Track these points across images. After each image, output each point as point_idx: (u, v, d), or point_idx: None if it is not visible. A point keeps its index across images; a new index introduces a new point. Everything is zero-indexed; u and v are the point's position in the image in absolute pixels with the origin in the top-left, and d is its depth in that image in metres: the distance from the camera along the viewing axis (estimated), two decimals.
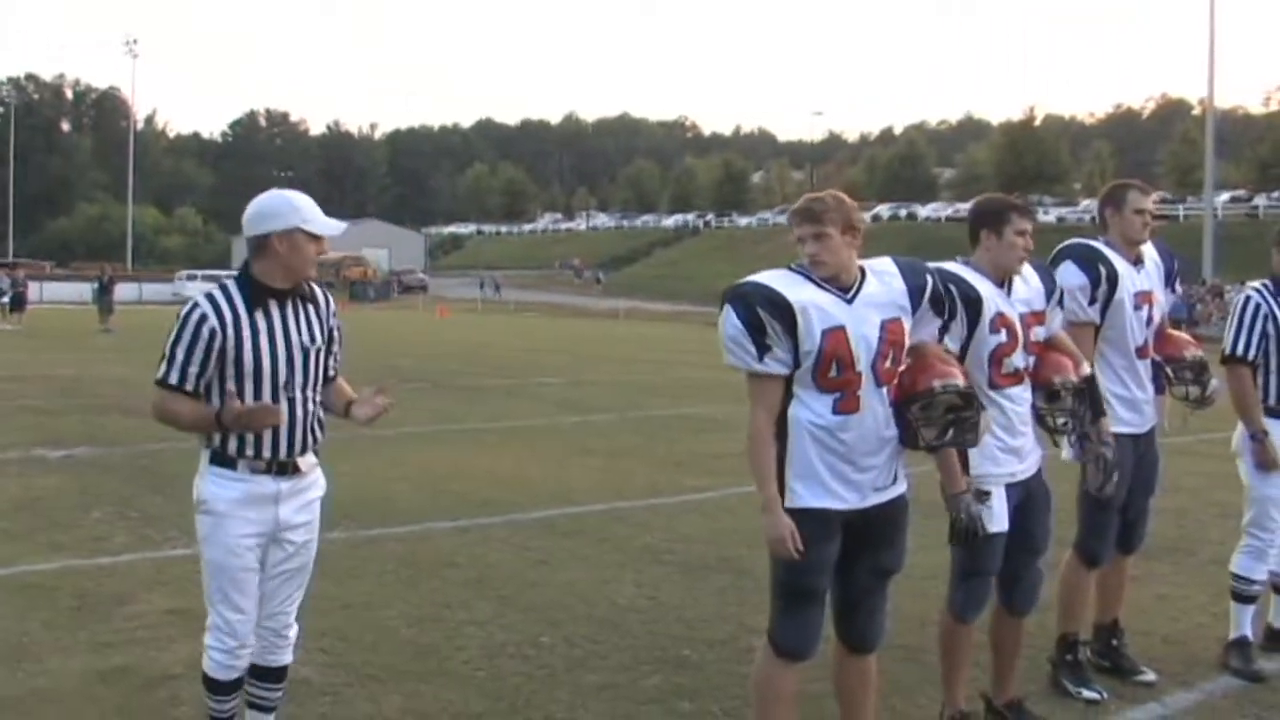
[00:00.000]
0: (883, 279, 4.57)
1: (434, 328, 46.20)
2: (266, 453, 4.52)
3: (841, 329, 4.39)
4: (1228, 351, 6.50)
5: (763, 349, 4.38)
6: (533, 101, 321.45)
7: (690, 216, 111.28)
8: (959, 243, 5.40)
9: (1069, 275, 5.89)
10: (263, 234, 4.48)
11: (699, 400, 19.58)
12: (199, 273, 75.33)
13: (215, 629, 4.62)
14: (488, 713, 5.66)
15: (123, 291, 50.79)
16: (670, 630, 6.90)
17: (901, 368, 4.57)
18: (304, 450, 4.62)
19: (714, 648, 6.59)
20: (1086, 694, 5.90)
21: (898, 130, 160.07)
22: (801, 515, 4.41)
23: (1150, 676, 6.18)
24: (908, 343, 4.58)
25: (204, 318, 4.43)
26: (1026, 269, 5.38)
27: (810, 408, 4.43)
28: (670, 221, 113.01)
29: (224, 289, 4.55)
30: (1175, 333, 6.42)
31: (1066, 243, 6.09)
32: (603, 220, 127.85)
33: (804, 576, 4.48)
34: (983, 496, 4.96)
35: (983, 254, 5.27)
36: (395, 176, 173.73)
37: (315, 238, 4.55)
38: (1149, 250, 6.22)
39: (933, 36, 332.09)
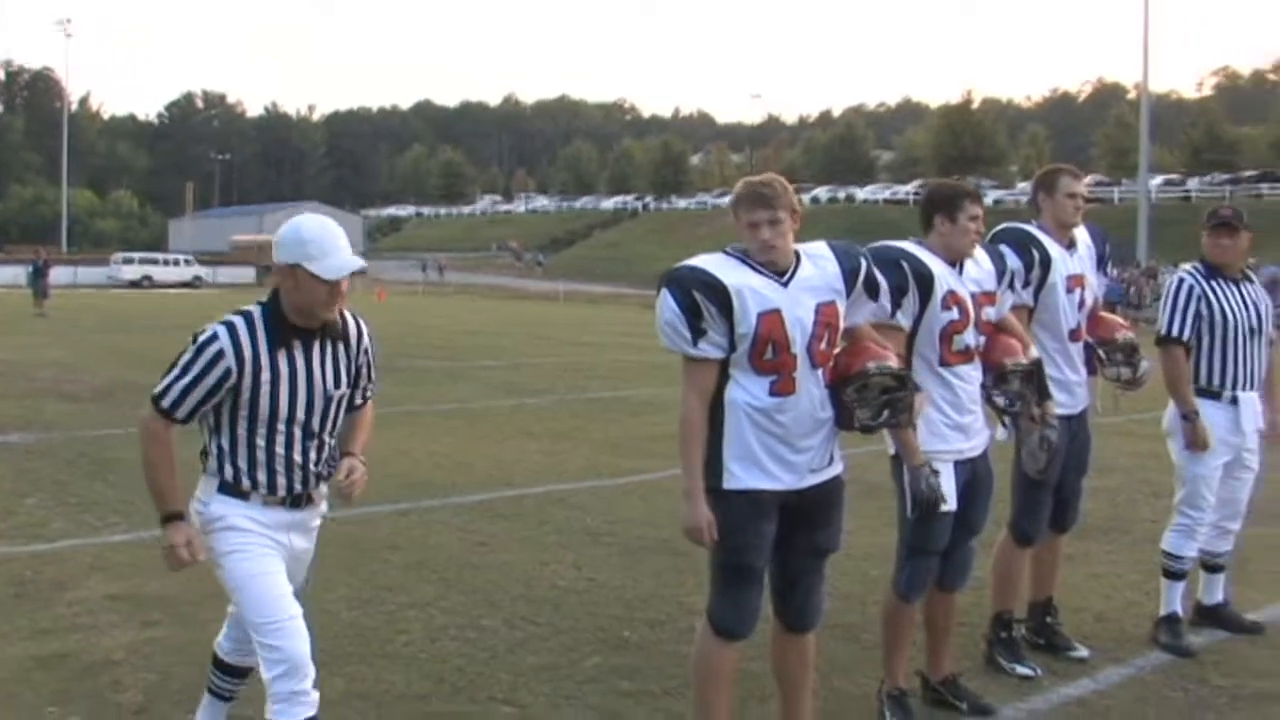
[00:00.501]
0: (817, 262, 4.61)
1: (372, 310, 45.94)
2: (281, 492, 4.28)
3: (777, 312, 4.43)
4: (1162, 332, 6.61)
5: (698, 333, 4.42)
6: (472, 83, 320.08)
7: (629, 199, 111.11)
8: (898, 225, 5.50)
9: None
10: (276, 261, 4.18)
11: (637, 382, 19.62)
12: (135, 255, 74.64)
13: (266, 658, 4.13)
14: (430, 694, 5.68)
15: (58, 275, 50.19)
16: (610, 611, 6.95)
17: (836, 350, 4.62)
18: (318, 485, 4.41)
19: (653, 628, 6.64)
20: (1021, 670, 6.00)
21: (836, 113, 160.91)
22: (740, 496, 4.47)
23: (1083, 653, 6.29)
24: (842, 325, 4.63)
25: (220, 355, 4.11)
26: (978, 251, 5.47)
27: (747, 390, 4.48)
28: (609, 204, 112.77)
29: (248, 320, 4.17)
30: (1107, 315, 6.53)
31: (1000, 227, 6.17)
32: (542, 202, 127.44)
33: (742, 556, 4.53)
34: (936, 473, 5.04)
35: (936, 238, 5.35)
36: (333, 159, 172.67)
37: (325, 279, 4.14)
38: (1081, 234, 6.31)
39: (871, 20, 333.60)
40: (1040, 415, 5.61)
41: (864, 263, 4.75)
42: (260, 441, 4.22)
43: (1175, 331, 6.56)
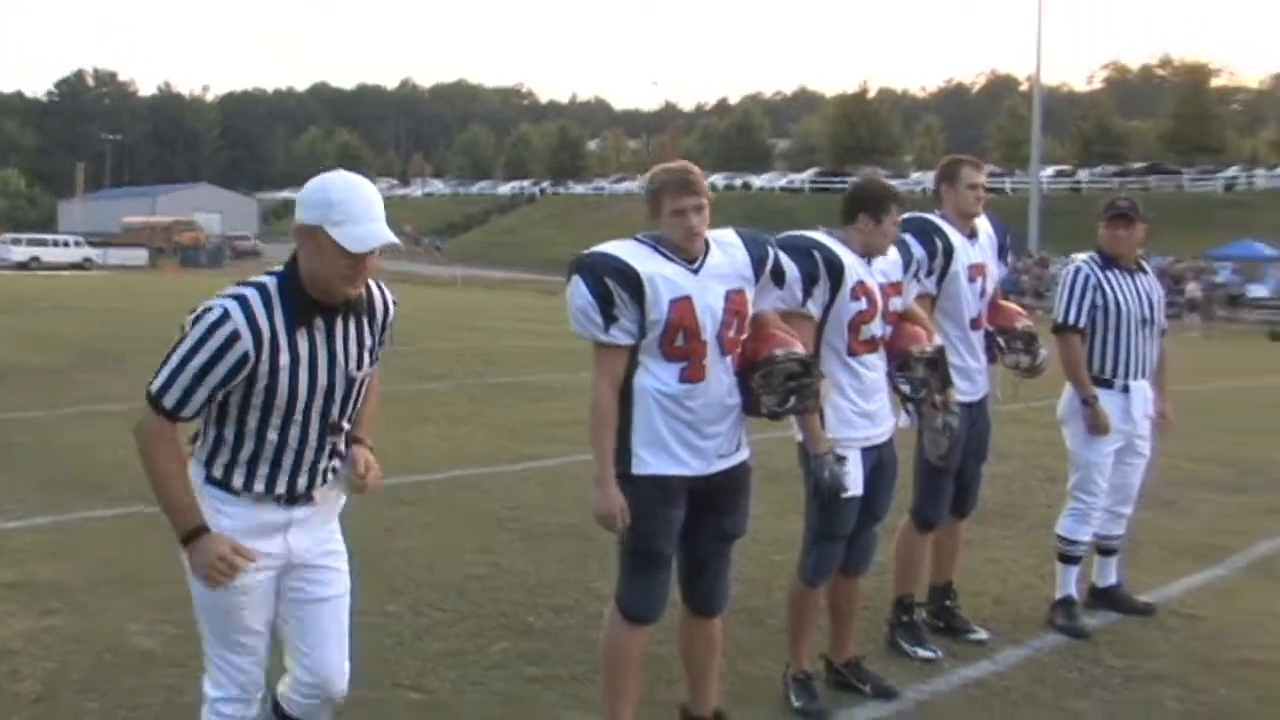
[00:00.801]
0: (726, 250, 4.64)
1: None
2: (280, 489, 3.74)
3: (688, 299, 4.46)
4: (1059, 321, 6.74)
5: (610, 319, 4.44)
6: (369, 66, 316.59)
7: (526, 184, 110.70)
8: (794, 212, 5.58)
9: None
10: (296, 220, 3.60)
11: (535, 368, 19.60)
12: (23, 236, 73.00)
13: (216, 676, 3.84)
14: None
15: None
16: (515, 597, 6.95)
17: (744, 337, 4.66)
18: (324, 483, 3.87)
19: (560, 614, 6.66)
20: (922, 653, 6.11)
21: (733, 100, 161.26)
22: (648, 482, 4.50)
23: (982, 635, 6.41)
24: (750, 313, 4.67)
25: (234, 336, 3.47)
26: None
27: (657, 376, 4.50)
28: (506, 188, 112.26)
29: (262, 293, 3.55)
30: (1006, 304, 6.64)
31: (904, 216, 6.24)
32: (438, 187, 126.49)
33: (651, 542, 4.56)
34: (839, 460, 5.11)
35: (856, 234, 5.37)
36: (228, 140, 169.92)
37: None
38: (982, 223, 6.42)
39: (768, 8, 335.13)
40: (943, 402, 5.70)
41: (771, 251, 4.80)
42: (272, 435, 3.65)
43: (1072, 320, 6.70)
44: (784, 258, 4.96)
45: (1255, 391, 20.16)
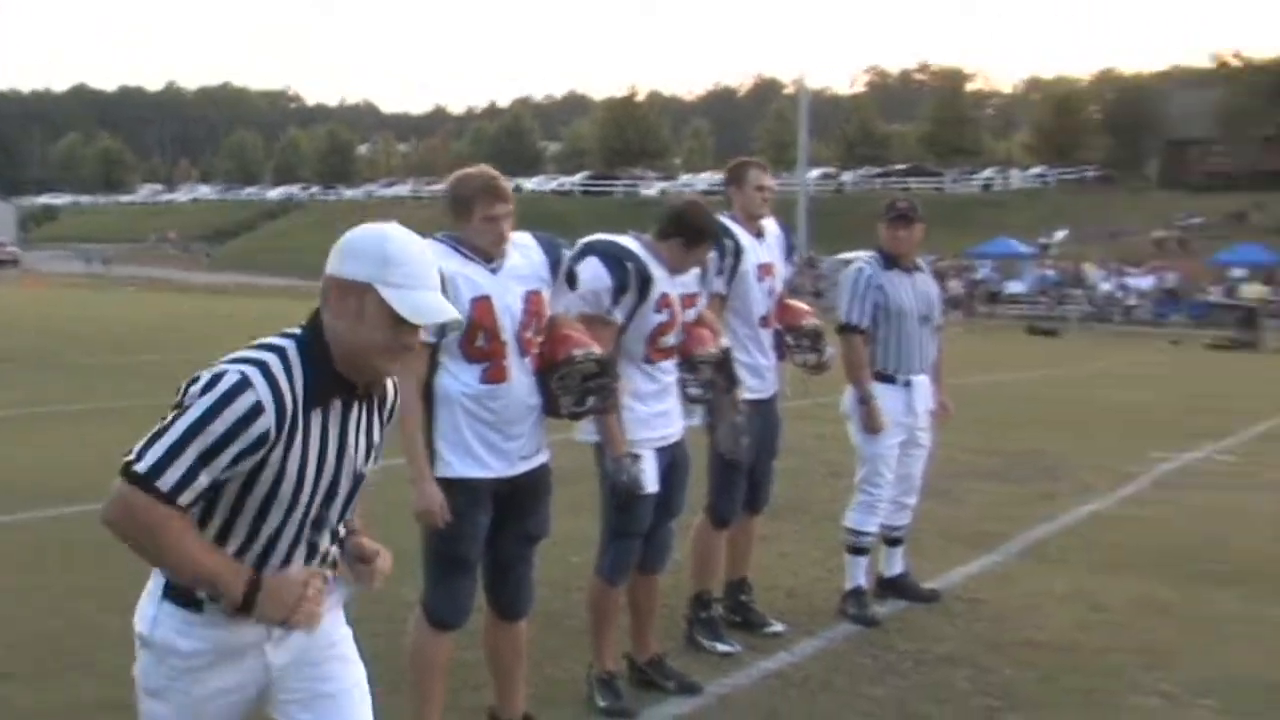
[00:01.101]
0: (524, 252, 4.68)
1: (23, 303, 43.74)
2: None
3: (487, 299, 4.48)
4: (842, 320, 6.90)
5: None
6: (131, 68, 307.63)
7: (295, 189, 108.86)
8: (565, 215, 5.69)
9: None
10: (334, 273, 2.91)
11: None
12: None
13: None
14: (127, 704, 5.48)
15: None
16: None
17: (541, 339, 4.69)
18: None
19: (360, 624, 6.55)
20: (721, 648, 6.20)
21: (503, 104, 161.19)
22: (453, 485, 4.50)
23: (778, 628, 6.54)
24: (547, 314, 4.70)
25: (256, 411, 2.77)
26: None
27: (458, 378, 4.51)
28: (275, 193, 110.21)
29: (283, 360, 2.85)
30: (794, 303, 6.79)
31: None
32: (205, 192, 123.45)
33: (457, 546, 4.56)
34: (635, 459, 5.16)
35: (667, 251, 5.39)
36: None
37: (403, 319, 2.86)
38: (769, 224, 6.56)
39: (537, 12, 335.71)
40: (731, 401, 5.81)
41: (564, 254, 4.84)
42: (265, 531, 2.94)
43: (854, 320, 6.87)
44: (592, 263, 5.03)
45: (1015, 385, 20.99)
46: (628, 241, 5.40)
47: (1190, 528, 9.43)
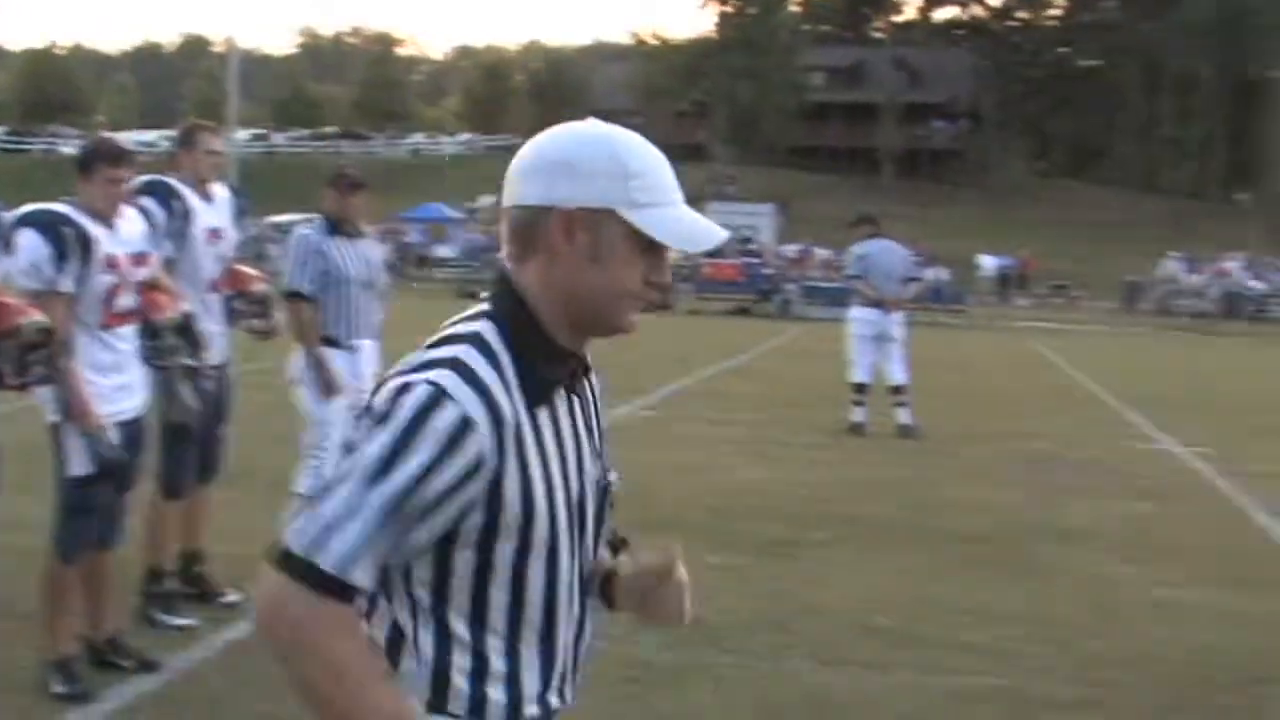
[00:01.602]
0: None
1: None
2: (554, 700, 2.11)
3: None
4: (288, 286, 6.91)
5: None
6: None
7: None
8: None
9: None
10: (541, 199, 2.01)
11: None
12: None
13: None
14: None
15: None
16: None
17: None
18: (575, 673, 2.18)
19: None
20: (178, 622, 6.10)
21: None
22: None
23: (235, 597, 6.47)
24: None
25: (468, 425, 1.89)
26: (130, 211, 5.43)
27: None
28: None
29: (486, 353, 1.98)
30: (243, 268, 6.73)
31: (142, 180, 6.16)
32: None
33: None
34: (99, 432, 5.00)
35: (88, 191, 5.21)
36: None
37: (651, 244, 2.01)
38: (219, 188, 6.48)
39: None
40: (196, 368, 5.71)
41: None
42: (533, 596, 2.03)
43: (298, 285, 6.89)
44: (27, 234, 4.85)
45: None
46: (58, 206, 5.22)
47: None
